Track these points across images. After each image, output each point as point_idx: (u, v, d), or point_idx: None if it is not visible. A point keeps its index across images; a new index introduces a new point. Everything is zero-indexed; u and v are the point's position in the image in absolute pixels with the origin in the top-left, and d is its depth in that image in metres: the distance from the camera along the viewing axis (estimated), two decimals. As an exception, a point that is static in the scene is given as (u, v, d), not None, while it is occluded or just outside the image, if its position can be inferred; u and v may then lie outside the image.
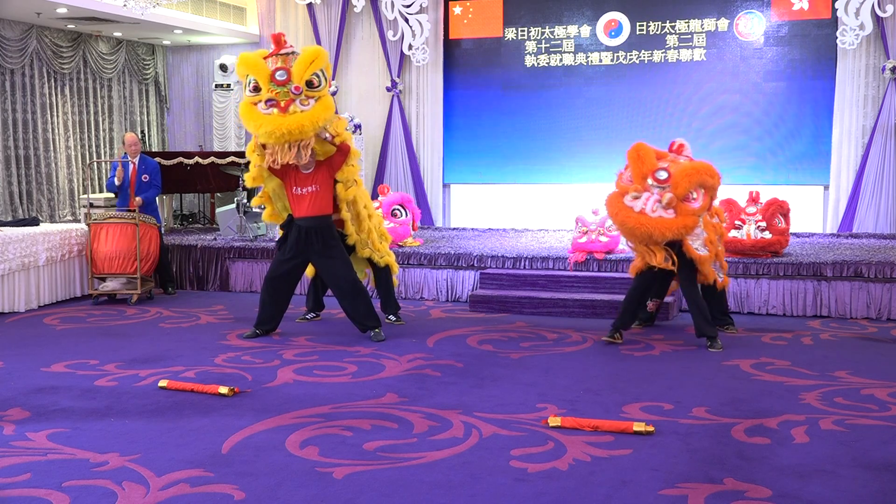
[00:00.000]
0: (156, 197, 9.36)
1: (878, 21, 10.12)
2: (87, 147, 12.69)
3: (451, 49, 12.00)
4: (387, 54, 11.92)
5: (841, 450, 4.43)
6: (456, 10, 11.93)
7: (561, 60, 11.56)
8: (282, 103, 6.53)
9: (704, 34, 11.04)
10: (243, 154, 11.33)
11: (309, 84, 6.62)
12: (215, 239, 10.12)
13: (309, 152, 6.64)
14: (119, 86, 13.22)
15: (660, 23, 11.17)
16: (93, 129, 12.79)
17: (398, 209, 9.54)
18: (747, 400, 5.32)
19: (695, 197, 6.37)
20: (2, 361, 6.34)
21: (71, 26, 11.72)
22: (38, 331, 7.50)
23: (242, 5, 13.02)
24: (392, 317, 7.72)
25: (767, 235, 8.33)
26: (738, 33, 10.92)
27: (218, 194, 12.22)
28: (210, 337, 7.22)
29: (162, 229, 9.33)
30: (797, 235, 9.93)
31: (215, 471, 4.16)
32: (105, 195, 11.27)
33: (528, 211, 11.80)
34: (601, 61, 11.42)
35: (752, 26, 10.87)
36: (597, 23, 11.40)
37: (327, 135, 6.86)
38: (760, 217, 8.42)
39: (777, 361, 6.27)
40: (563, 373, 5.99)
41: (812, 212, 10.90)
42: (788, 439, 4.59)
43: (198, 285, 9.77)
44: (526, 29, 11.68)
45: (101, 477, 4.09)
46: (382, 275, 7.69)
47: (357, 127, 11.45)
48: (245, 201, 10.02)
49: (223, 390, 5.42)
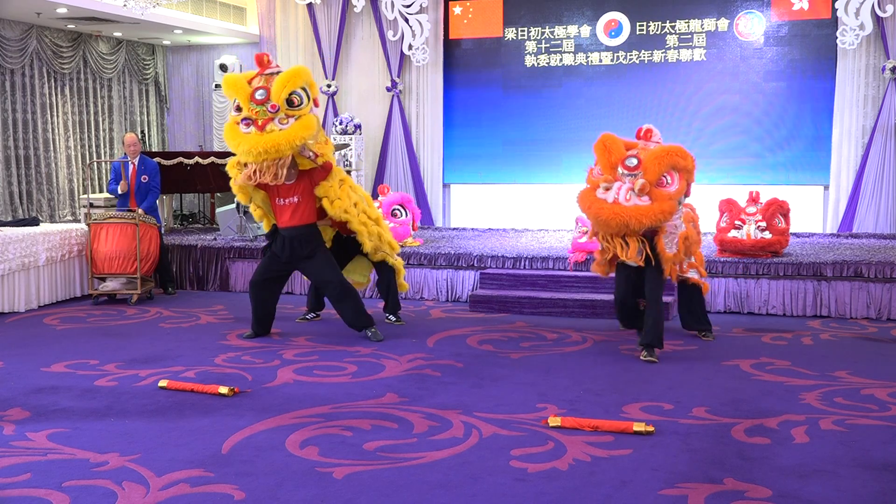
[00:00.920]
0: (155, 199, 9.36)
1: (878, 21, 10.12)
2: (87, 147, 12.70)
3: (451, 49, 12.00)
4: (387, 54, 11.92)
5: (841, 450, 4.43)
6: (456, 10, 11.93)
7: (561, 60, 11.56)
8: (259, 122, 6.49)
9: (704, 34, 11.04)
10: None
11: (290, 103, 6.57)
12: (215, 239, 10.13)
13: (285, 172, 6.57)
14: (119, 86, 13.22)
15: (660, 23, 11.17)
16: (93, 129, 12.79)
17: (398, 209, 9.54)
18: (747, 400, 5.32)
19: (669, 181, 6.11)
20: (2, 361, 6.34)
21: (71, 26, 11.73)
22: (38, 331, 7.50)
23: (242, 5, 13.03)
24: (392, 317, 7.72)
25: (767, 235, 8.33)
26: (738, 33, 10.92)
27: (218, 194, 12.22)
28: (210, 337, 7.22)
29: (162, 229, 9.33)
30: (797, 235, 9.93)
31: (215, 471, 4.16)
32: (105, 195, 11.27)
33: (528, 211, 11.80)
34: (601, 61, 11.42)
35: (752, 26, 10.87)
36: (597, 23, 11.40)
37: (310, 153, 6.75)
38: (760, 217, 8.42)
39: (777, 361, 6.27)
40: (563, 373, 6.00)
41: (812, 212, 10.90)
42: (788, 439, 4.59)
43: (198, 285, 9.77)
44: (526, 29, 11.68)
45: (101, 477, 4.09)
46: (388, 275, 7.67)
47: (357, 127, 11.46)
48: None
49: (223, 390, 5.42)
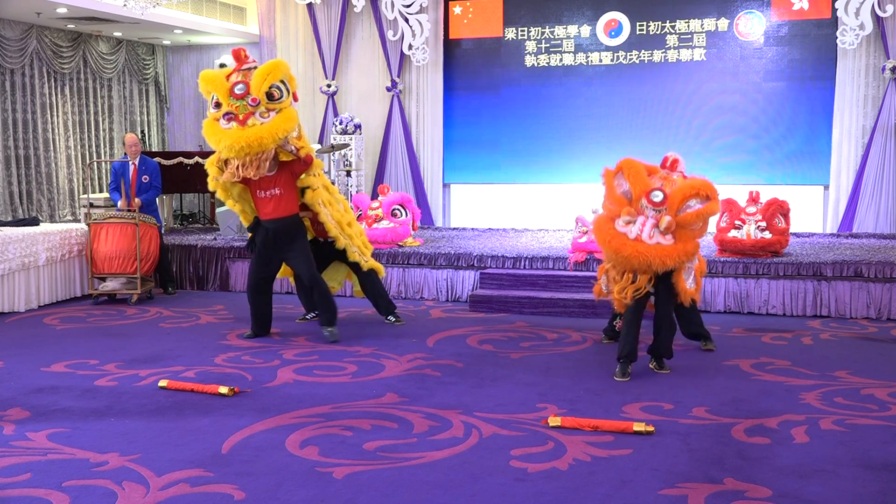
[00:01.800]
0: (156, 198, 9.36)
1: (878, 21, 10.12)
2: (87, 147, 12.69)
3: (451, 49, 12.00)
4: (387, 54, 11.92)
5: (841, 450, 4.43)
6: (456, 10, 11.93)
7: (561, 60, 11.56)
8: (240, 116, 6.42)
9: (704, 34, 11.03)
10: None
11: (270, 97, 6.51)
12: (215, 239, 10.12)
13: (268, 165, 6.56)
14: (119, 86, 13.22)
15: (660, 23, 11.17)
16: (93, 129, 12.79)
17: (398, 209, 9.54)
18: (747, 400, 5.32)
19: (692, 204, 5.71)
20: (2, 361, 6.34)
21: (71, 26, 11.72)
22: (38, 331, 7.50)
23: (242, 5, 13.02)
24: (391, 317, 7.72)
25: (767, 235, 8.33)
26: (738, 33, 10.92)
27: (218, 194, 12.20)
28: (210, 337, 7.22)
29: (162, 229, 9.33)
30: (797, 235, 9.93)
31: (215, 471, 4.16)
32: (105, 195, 11.27)
33: (528, 211, 11.80)
34: (601, 61, 11.42)
35: (752, 26, 10.87)
36: (597, 23, 11.40)
37: (291, 147, 6.69)
38: (760, 217, 8.42)
39: (777, 361, 6.27)
40: (563, 373, 5.99)
41: (812, 212, 10.90)
42: (788, 439, 4.59)
43: (198, 285, 9.77)
44: (526, 29, 11.68)
45: (101, 477, 4.09)
46: (369, 280, 7.64)
47: (357, 127, 11.46)
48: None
49: (223, 390, 5.42)
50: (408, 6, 11.62)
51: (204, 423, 4.88)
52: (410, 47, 11.67)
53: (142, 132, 13.55)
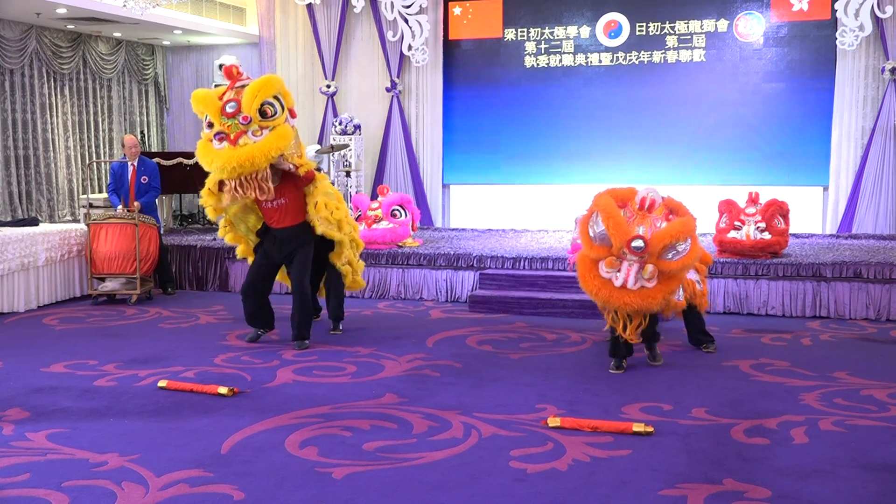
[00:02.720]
0: (155, 199, 9.36)
1: (878, 22, 10.12)
2: (87, 147, 12.69)
3: (451, 50, 12.00)
4: (386, 55, 11.92)
5: (840, 450, 4.43)
6: (456, 11, 11.93)
7: (560, 61, 11.56)
8: (231, 136, 6.16)
9: (704, 35, 11.04)
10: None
11: (262, 114, 6.21)
12: (215, 239, 10.12)
13: (271, 185, 6.31)
14: (119, 86, 13.22)
15: (659, 23, 11.18)
16: (92, 130, 12.79)
17: (398, 209, 9.54)
18: (747, 401, 5.32)
19: (680, 249, 5.71)
20: (1, 361, 6.34)
21: (70, 27, 11.73)
22: (38, 331, 7.50)
23: (242, 6, 13.03)
24: (334, 324, 7.39)
25: (767, 236, 8.33)
26: (738, 34, 10.93)
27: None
28: (209, 337, 7.22)
29: (161, 229, 9.33)
30: (797, 236, 9.93)
31: (215, 471, 4.16)
32: (104, 195, 11.26)
33: (528, 211, 11.81)
34: (601, 62, 11.42)
35: (752, 27, 10.87)
36: (596, 23, 11.40)
37: (289, 165, 6.45)
38: (760, 218, 8.42)
39: (776, 362, 6.27)
40: (563, 373, 6.00)
41: (811, 212, 10.90)
42: (788, 440, 4.59)
43: (197, 285, 9.77)
44: (525, 29, 11.68)
45: (101, 477, 4.09)
46: (337, 281, 7.33)
47: (357, 127, 11.46)
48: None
49: (222, 390, 5.42)
50: (407, 7, 11.62)
51: (203, 424, 4.88)
52: (410, 48, 11.67)
53: (141, 133, 13.54)
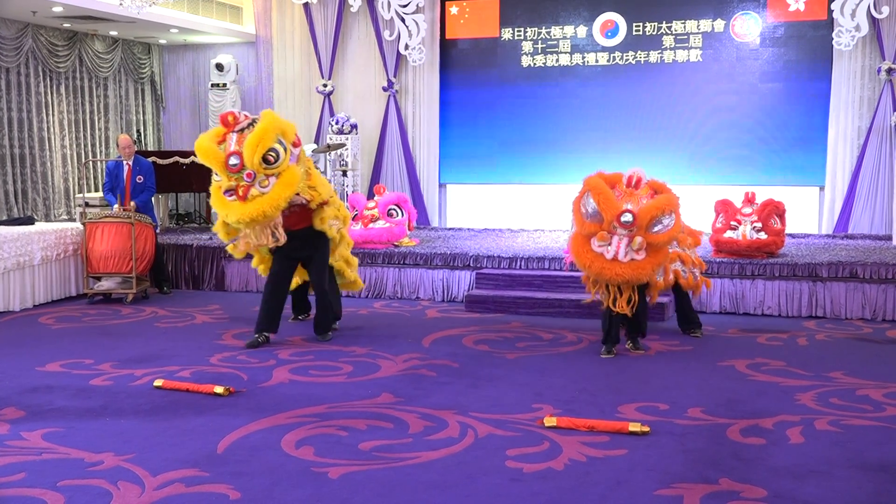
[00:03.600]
0: (150, 198, 9.35)
1: (874, 22, 10.13)
2: (83, 146, 12.67)
3: (448, 49, 12.00)
4: (383, 54, 11.91)
5: (836, 450, 4.43)
6: (452, 10, 11.93)
7: (557, 61, 11.56)
8: (240, 192, 6.23)
9: (701, 35, 11.05)
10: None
11: (266, 161, 6.18)
12: (211, 238, 10.11)
13: (282, 232, 6.52)
14: (115, 85, 13.20)
15: (656, 23, 11.18)
16: (88, 128, 12.76)
17: (394, 209, 9.53)
18: (743, 400, 5.33)
19: (665, 223, 6.17)
20: (-4, 361, 6.34)
21: (67, 25, 11.70)
22: (34, 330, 7.49)
23: (238, 4, 13.00)
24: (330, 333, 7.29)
25: (763, 236, 8.34)
26: (735, 34, 10.93)
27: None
28: (205, 336, 7.21)
29: (157, 228, 9.31)
30: (793, 236, 9.93)
31: (210, 470, 4.15)
32: (100, 195, 11.25)
33: (525, 211, 11.80)
34: (597, 62, 11.42)
35: (749, 27, 10.88)
36: (593, 23, 11.40)
37: (302, 200, 6.60)
38: (756, 218, 8.43)
39: (772, 362, 6.28)
40: (559, 373, 6.00)
41: (808, 213, 10.91)
42: (784, 440, 4.60)
43: (193, 285, 9.76)
44: (522, 29, 11.68)
45: (96, 476, 4.08)
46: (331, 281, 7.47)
47: (353, 127, 11.45)
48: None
49: (218, 390, 5.42)
50: (404, 6, 11.61)
51: (199, 423, 4.87)
52: (407, 47, 11.66)
53: (137, 132, 13.52)
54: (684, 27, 11.09)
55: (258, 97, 12.94)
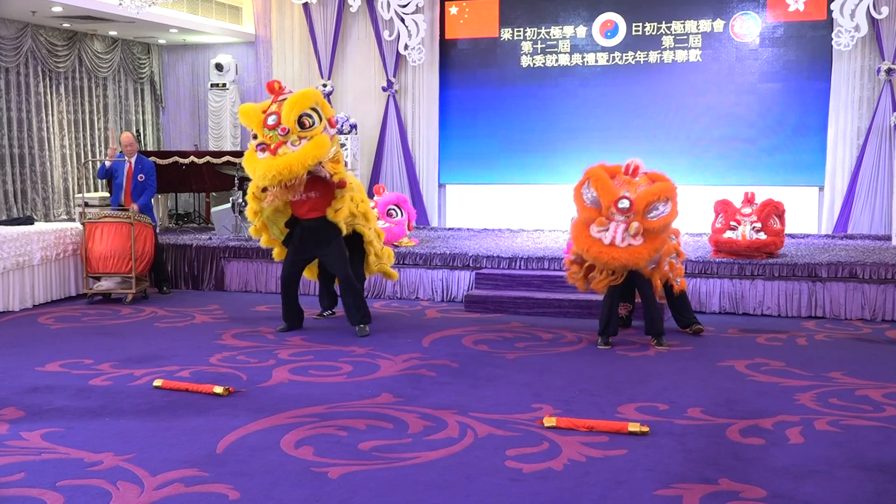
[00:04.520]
0: (150, 198, 9.34)
1: (874, 23, 10.14)
2: (83, 146, 12.67)
3: (447, 49, 12.00)
4: (383, 54, 11.91)
5: (835, 450, 4.44)
6: (452, 11, 11.93)
7: (557, 61, 11.56)
8: (271, 146, 6.65)
9: (700, 35, 11.05)
10: (239, 154, 11.33)
11: (301, 125, 6.68)
12: (210, 238, 10.11)
13: (301, 188, 6.78)
14: (114, 85, 13.20)
15: (656, 23, 11.18)
16: (88, 128, 12.76)
17: (393, 209, 9.53)
18: (742, 401, 5.33)
19: (661, 209, 6.41)
20: (-4, 361, 6.33)
21: (66, 25, 11.70)
22: (33, 330, 7.49)
23: (238, 4, 13.01)
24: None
25: (762, 236, 8.34)
26: (734, 34, 10.94)
27: (213, 194, 12.19)
28: (205, 336, 7.21)
29: (157, 228, 9.31)
30: (792, 236, 9.93)
31: (210, 470, 4.15)
32: (100, 194, 11.25)
33: (524, 211, 11.80)
34: (597, 62, 11.42)
35: (748, 27, 10.88)
36: (593, 23, 11.40)
37: (326, 173, 6.88)
38: (756, 218, 8.43)
39: (772, 362, 6.28)
40: (559, 373, 6.00)
41: (807, 213, 10.91)
42: (783, 440, 4.60)
43: (193, 285, 9.76)
44: (522, 29, 11.68)
45: (96, 476, 4.08)
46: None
47: (353, 127, 11.45)
48: (241, 201, 10.00)
49: (218, 390, 5.42)
50: (404, 6, 11.61)
51: (199, 423, 4.87)
52: (406, 47, 11.66)
53: (137, 132, 13.52)
54: (684, 27, 11.09)
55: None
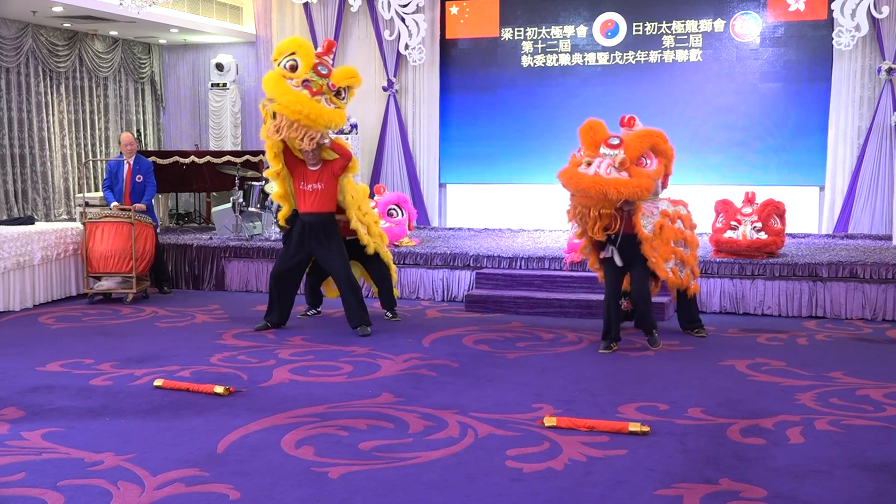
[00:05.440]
0: (152, 197, 9.34)
1: (874, 22, 10.13)
2: (83, 146, 12.67)
3: (448, 49, 11.99)
4: (383, 54, 11.91)
5: (836, 450, 4.43)
6: (452, 10, 11.92)
7: (557, 61, 11.56)
8: (314, 88, 6.91)
9: (701, 35, 11.04)
10: (239, 153, 11.35)
11: (337, 94, 7.10)
12: (211, 238, 10.11)
13: (313, 143, 6.92)
14: (115, 85, 13.20)
15: (656, 23, 11.18)
16: (88, 128, 12.76)
17: (394, 209, 9.53)
18: (743, 400, 5.33)
19: (648, 163, 6.45)
20: (-4, 360, 6.34)
21: (67, 25, 11.70)
22: (34, 330, 7.49)
23: (239, 4, 13.00)
24: (388, 313, 7.90)
25: (763, 236, 8.34)
26: (735, 34, 10.93)
27: (214, 193, 12.20)
28: (206, 336, 7.21)
29: (157, 228, 9.31)
30: (793, 236, 9.93)
31: (210, 470, 4.15)
32: (101, 194, 11.25)
33: (524, 211, 11.80)
34: (597, 62, 11.42)
35: (749, 27, 10.88)
36: (593, 23, 11.40)
37: (327, 140, 7.13)
38: (756, 218, 8.43)
39: (772, 362, 6.28)
40: (559, 373, 6.00)
41: (808, 212, 10.91)
42: (784, 440, 4.60)
43: (193, 284, 9.76)
44: (522, 29, 11.68)
45: (96, 476, 4.08)
46: (377, 266, 7.82)
47: (353, 126, 11.45)
48: (241, 200, 10.00)
49: (218, 390, 5.42)
50: (404, 6, 11.61)
51: (199, 423, 4.87)
52: (407, 47, 11.66)
53: (138, 131, 13.52)
54: (684, 27, 11.09)
55: (258, 97, 12.92)
